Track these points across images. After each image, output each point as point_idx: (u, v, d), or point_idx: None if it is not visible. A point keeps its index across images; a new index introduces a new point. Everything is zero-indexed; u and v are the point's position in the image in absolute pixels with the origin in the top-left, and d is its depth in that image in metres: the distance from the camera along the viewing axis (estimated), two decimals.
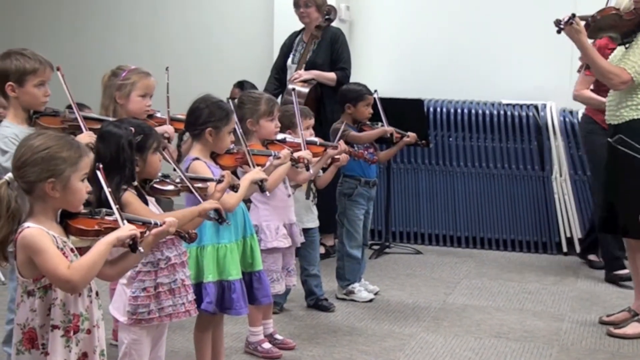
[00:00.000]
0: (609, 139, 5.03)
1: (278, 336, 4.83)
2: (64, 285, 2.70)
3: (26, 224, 2.72)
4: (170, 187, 3.51)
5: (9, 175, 2.75)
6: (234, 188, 3.76)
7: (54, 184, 2.72)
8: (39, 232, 2.69)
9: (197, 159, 3.93)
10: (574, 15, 4.76)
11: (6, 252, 2.76)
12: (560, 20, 4.76)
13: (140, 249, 2.79)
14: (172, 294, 3.47)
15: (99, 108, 4.48)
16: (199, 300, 3.97)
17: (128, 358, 3.45)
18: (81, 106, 4.98)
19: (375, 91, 5.78)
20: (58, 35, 8.77)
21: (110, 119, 4.10)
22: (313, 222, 5.35)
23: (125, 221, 2.80)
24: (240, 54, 8.16)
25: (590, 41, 5.00)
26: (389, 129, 5.66)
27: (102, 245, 2.72)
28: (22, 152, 2.75)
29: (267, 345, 4.69)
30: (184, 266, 3.54)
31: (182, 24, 8.46)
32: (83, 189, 2.80)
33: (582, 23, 4.83)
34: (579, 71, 6.20)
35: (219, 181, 3.64)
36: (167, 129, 4.35)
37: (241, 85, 7.01)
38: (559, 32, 4.79)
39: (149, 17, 8.58)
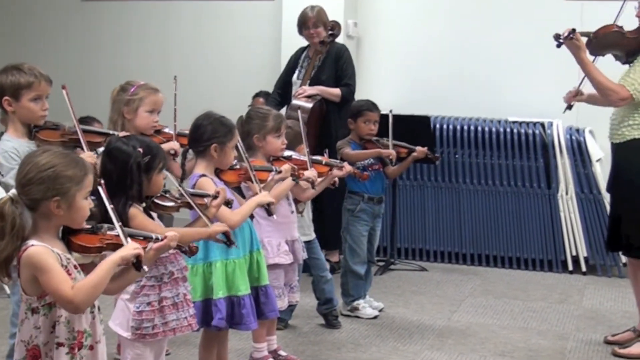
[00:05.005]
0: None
1: (282, 352, 4.82)
2: (67, 306, 2.70)
3: (30, 242, 2.71)
4: (171, 204, 3.52)
5: (13, 191, 2.75)
6: (228, 204, 3.77)
7: (59, 202, 2.71)
8: (44, 251, 2.68)
9: (203, 175, 3.95)
10: (574, 31, 4.82)
11: (9, 269, 2.75)
12: (559, 35, 4.83)
13: (145, 268, 2.80)
14: (175, 308, 3.48)
15: (106, 122, 4.50)
16: (207, 317, 3.99)
17: None
18: (91, 120, 5.02)
19: (390, 111, 5.74)
20: (69, 48, 8.82)
21: (112, 131, 4.11)
22: (307, 236, 5.29)
23: (128, 239, 2.80)
24: (248, 69, 8.17)
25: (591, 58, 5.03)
26: (385, 152, 5.58)
27: (106, 265, 2.72)
28: (27, 170, 2.74)
29: None
30: (185, 280, 3.56)
31: (192, 38, 8.49)
32: (87, 206, 2.80)
33: (584, 39, 4.86)
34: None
35: (215, 197, 3.65)
36: (174, 145, 4.36)
37: (267, 95, 7.11)
38: (558, 46, 4.87)
39: (159, 31, 8.61)
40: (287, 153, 4.64)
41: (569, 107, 5.34)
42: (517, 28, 7.59)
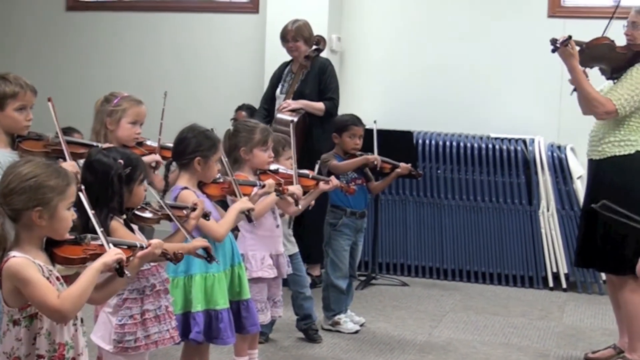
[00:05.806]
0: (592, 205, 4.88)
1: None
2: (53, 315, 2.68)
3: (12, 253, 2.69)
4: (151, 216, 3.51)
5: None
6: (206, 216, 3.77)
7: (41, 212, 2.70)
8: (26, 262, 2.66)
9: (185, 188, 3.95)
10: (570, 37, 4.81)
11: None
12: (556, 40, 4.82)
13: (127, 273, 2.78)
14: (157, 321, 3.46)
15: (89, 133, 4.48)
16: (186, 330, 3.97)
17: None
18: (71, 130, 5.00)
19: (375, 122, 5.76)
20: (54, 58, 8.80)
21: (95, 143, 4.10)
22: (288, 251, 5.29)
23: (111, 245, 2.80)
24: (231, 82, 8.18)
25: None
26: (372, 157, 5.64)
27: (89, 273, 2.71)
28: (9, 180, 2.72)
29: None
30: (167, 293, 3.55)
31: (175, 49, 8.50)
32: (69, 217, 2.79)
33: (577, 48, 4.87)
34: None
35: (193, 209, 3.64)
36: (156, 157, 4.34)
37: (249, 108, 7.12)
38: (553, 51, 4.85)
39: (142, 41, 8.62)
40: (273, 166, 4.64)
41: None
42: (499, 45, 7.64)
